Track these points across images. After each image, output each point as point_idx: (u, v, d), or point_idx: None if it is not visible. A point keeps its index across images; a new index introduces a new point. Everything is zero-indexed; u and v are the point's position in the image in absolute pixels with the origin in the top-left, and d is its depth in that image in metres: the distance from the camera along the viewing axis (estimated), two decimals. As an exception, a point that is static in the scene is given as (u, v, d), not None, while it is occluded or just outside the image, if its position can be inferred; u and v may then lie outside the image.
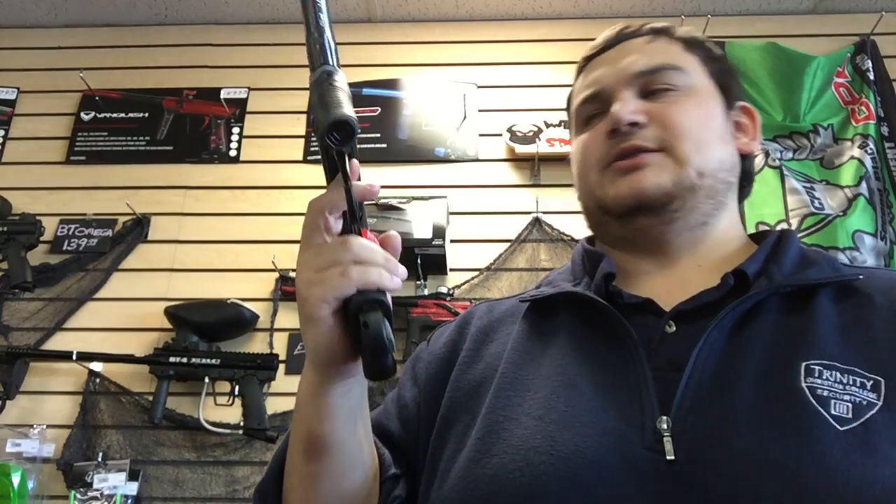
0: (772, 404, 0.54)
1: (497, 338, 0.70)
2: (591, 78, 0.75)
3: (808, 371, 0.55)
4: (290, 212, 2.39)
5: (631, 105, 0.69)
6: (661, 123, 0.68)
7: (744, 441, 0.52)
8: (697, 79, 0.73)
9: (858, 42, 2.54)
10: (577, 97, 0.76)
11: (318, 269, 0.53)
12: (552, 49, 2.62)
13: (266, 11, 2.68)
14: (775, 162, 2.36)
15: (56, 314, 2.25)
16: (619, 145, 0.68)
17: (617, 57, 0.74)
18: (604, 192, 0.70)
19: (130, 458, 2.04)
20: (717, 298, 0.62)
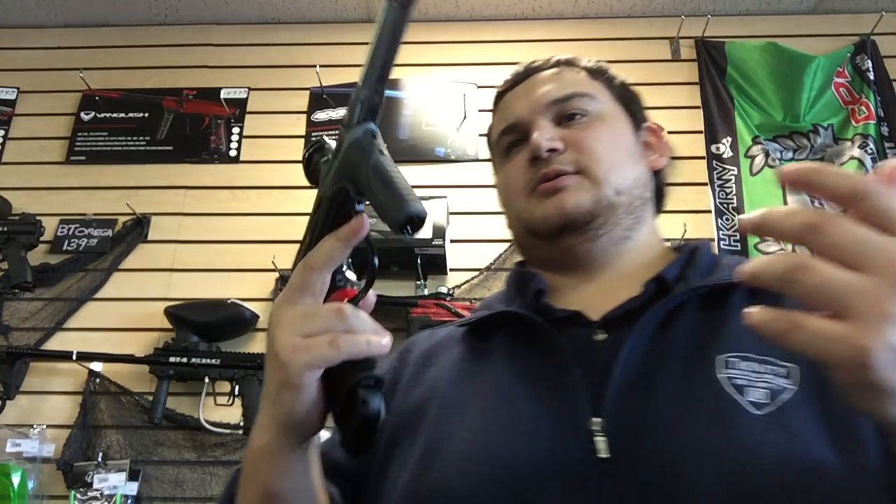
0: (693, 396, 0.57)
1: (437, 361, 0.73)
2: (508, 111, 0.79)
3: (724, 363, 0.59)
4: (290, 212, 2.39)
5: (548, 132, 0.73)
6: (576, 148, 0.73)
7: (669, 432, 0.55)
8: (606, 104, 0.78)
9: (858, 42, 2.54)
10: (496, 130, 0.81)
11: (305, 334, 0.51)
12: (552, 49, 2.59)
13: (266, 11, 2.68)
14: (775, 162, 2.36)
15: (56, 314, 2.25)
16: (541, 171, 0.72)
17: (529, 89, 0.79)
18: (531, 216, 0.73)
19: (130, 458, 2.04)
20: (641, 304, 0.65)
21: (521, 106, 0.77)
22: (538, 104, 0.76)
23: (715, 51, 2.54)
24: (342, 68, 2.58)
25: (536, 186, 0.73)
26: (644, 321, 0.63)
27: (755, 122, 2.44)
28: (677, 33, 2.58)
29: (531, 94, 0.78)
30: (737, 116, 2.44)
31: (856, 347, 0.34)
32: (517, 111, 0.77)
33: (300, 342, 0.50)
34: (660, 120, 2.83)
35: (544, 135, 0.72)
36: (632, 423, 0.57)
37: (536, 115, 0.75)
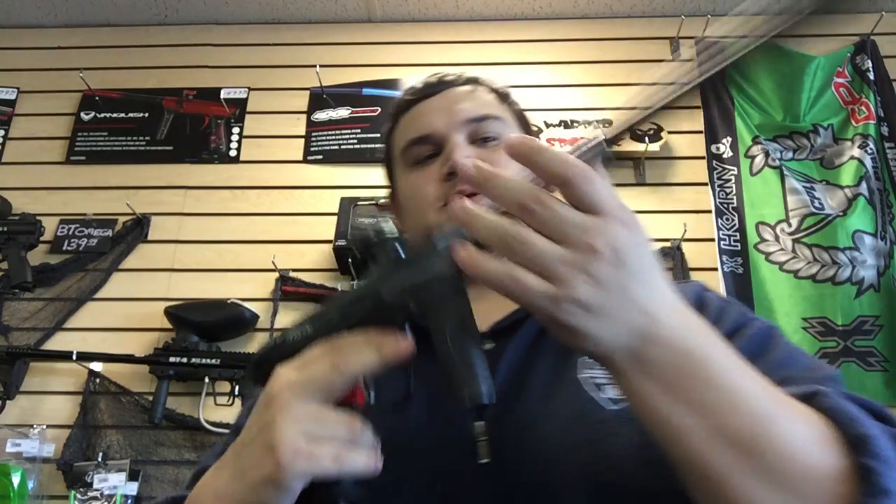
0: (558, 396, 0.64)
1: None
2: (421, 121, 0.79)
3: (585, 364, 0.65)
4: (290, 212, 2.39)
5: (466, 151, 0.75)
6: None
7: (538, 431, 0.61)
8: (513, 130, 0.81)
9: (858, 42, 2.54)
10: (405, 136, 0.81)
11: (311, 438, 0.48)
12: (552, 49, 2.62)
13: (266, 11, 2.68)
14: (775, 162, 2.36)
15: (56, 314, 2.25)
16: (458, 187, 0.73)
17: (445, 102, 0.80)
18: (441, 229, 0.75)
19: (130, 458, 2.03)
20: (526, 314, 0.69)
21: (438, 119, 0.78)
22: (455, 120, 0.77)
23: (715, 51, 2.54)
24: (342, 68, 2.58)
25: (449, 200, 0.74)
26: (522, 332, 0.69)
27: (755, 122, 2.44)
28: (677, 33, 2.58)
29: (448, 108, 0.78)
30: (737, 116, 2.44)
31: (553, 300, 0.42)
32: (433, 123, 0.78)
33: (303, 447, 0.48)
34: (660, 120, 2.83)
35: (464, 152, 0.74)
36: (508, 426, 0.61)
37: (452, 131, 0.77)
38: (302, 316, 0.54)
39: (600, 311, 0.43)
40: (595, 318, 0.43)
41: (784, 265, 2.24)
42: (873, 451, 0.45)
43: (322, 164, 2.45)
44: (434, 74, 0.84)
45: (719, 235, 2.28)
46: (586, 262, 0.42)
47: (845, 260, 2.21)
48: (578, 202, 0.44)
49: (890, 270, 2.21)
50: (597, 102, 2.51)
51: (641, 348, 0.44)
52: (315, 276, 2.27)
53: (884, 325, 2.16)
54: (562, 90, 2.54)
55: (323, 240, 2.29)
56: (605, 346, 0.44)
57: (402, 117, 0.83)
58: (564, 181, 0.44)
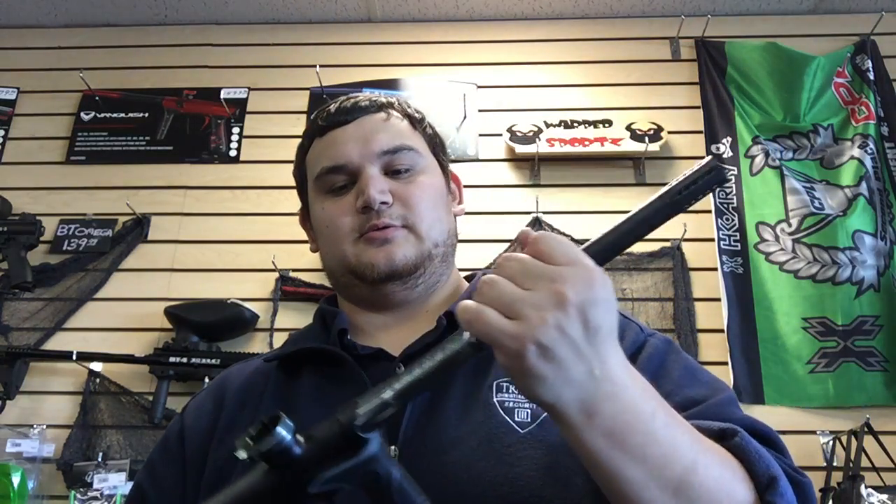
0: (471, 419, 0.66)
1: (249, 401, 0.76)
2: (336, 150, 0.80)
3: (497, 388, 0.68)
4: (290, 212, 2.38)
5: (380, 184, 0.76)
6: (403, 203, 0.77)
7: (451, 455, 0.63)
8: (426, 158, 0.83)
9: (858, 42, 2.54)
10: (320, 163, 0.81)
11: None
12: (552, 49, 2.62)
13: (266, 11, 2.68)
14: (775, 162, 2.36)
15: (56, 314, 2.25)
16: (372, 221, 0.75)
17: (360, 132, 0.80)
18: (358, 261, 0.76)
19: (130, 458, 2.04)
20: (437, 338, 0.71)
21: (352, 150, 0.78)
22: (369, 152, 0.78)
23: (715, 51, 2.54)
24: (342, 68, 2.58)
25: (365, 234, 0.76)
26: None
27: (755, 122, 2.44)
28: (677, 33, 2.58)
29: (363, 138, 0.79)
30: (737, 116, 2.44)
31: (516, 339, 0.44)
32: (347, 154, 0.78)
33: None
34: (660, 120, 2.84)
35: (377, 186, 0.75)
36: (421, 450, 0.64)
37: (367, 163, 0.77)
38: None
39: (560, 360, 0.45)
40: (554, 366, 0.45)
41: (784, 265, 2.24)
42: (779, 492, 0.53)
43: (322, 164, 2.45)
44: (348, 98, 0.84)
45: (719, 235, 2.28)
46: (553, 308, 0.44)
47: (845, 260, 2.21)
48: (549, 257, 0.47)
49: (890, 270, 2.22)
50: (597, 102, 2.51)
51: (594, 403, 0.47)
52: (315, 276, 2.27)
53: (884, 325, 2.16)
54: (562, 90, 2.54)
55: (323, 240, 2.29)
56: (559, 396, 0.46)
57: (317, 141, 0.83)
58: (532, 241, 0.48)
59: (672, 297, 2.21)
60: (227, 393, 0.78)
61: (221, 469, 0.70)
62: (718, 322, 2.17)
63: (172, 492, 0.74)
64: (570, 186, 2.39)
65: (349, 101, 0.83)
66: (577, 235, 2.29)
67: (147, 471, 0.78)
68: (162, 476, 0.76)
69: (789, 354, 2.14)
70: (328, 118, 0.83)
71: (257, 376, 0.79)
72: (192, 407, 0.81)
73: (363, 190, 0.75)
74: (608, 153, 2.39)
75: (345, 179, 0.79)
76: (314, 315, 0.84)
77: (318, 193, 0.82)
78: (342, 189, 0.79)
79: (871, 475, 1.91)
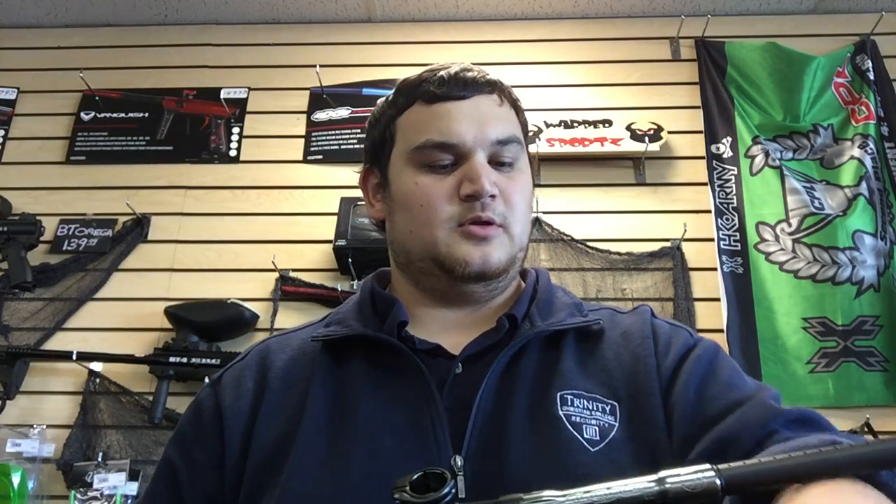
0: (539, 433, 0.64)
1: (295, 384, 0.72)
2: (449, 125, 0.74)
3: (562, 400, 0.66)
4: (290, 212, 2.39)
5: (491, 176, 0.73)
6: (506, 200, 0.74)
7: (518, 472, 0.61)
8: (525, 153, 0.79)
9: (858, 42, 2.54)
10: (425, 133, 0.75)
11: None
12: (552, 49, 2.62)
13: (266, 11, 2.68)
14: (775, 162, 2.36)
15: (56, 314, 2.25)
16: (476, 212, 0.72)
17: (476, 114, 0.75)
18: (449, 253, 0.72)
19: (130, 458, 2.04)
20: (496, 341, 0.71)
21: (467, 130, 0.74)
22: (484, 138, 0.74)
23: (715, 51, 2.54)
24: (342, 68, 2.58)
25: (465, 224, 0.72)
26: (498, 361, 0.68)
27: (755, 121, 2.44)
28: (677, 33, 2.58)
29: (480, 121, 0.75)
30: (737, 116, 2.44)
31: None
32: (461, 134, 0.73)
33: None
34: (660, 120, 2.84)
35: (489, 177, 0.72)
36: (486, 463, 0.62)
37: (479, 148, 0.74)
38: None
39: None
40: None
41: (784, 265, 2.24)
42: None
43: (322, 164, 2.45)
44: (462, 69, 0.78)
45: (719, 235, 2.28)
46: None
47: (845, 260, 2.21)
48: None
49: (890, 270, 2.21)
50: (597, 102, 2.51)
51: None
52: (315, 276, 2.27)
53: (884, 325, 2.16)
54: (562, 90, 2.54)
55: (323, 240, 2.29)
56: None
57: (420, 106, 0.77)
58: None
59: (672, 297, 2.21)
60: (269, 372, 0.74)
61: (268, 457, 0.67)
62: (718, 322, 2.17)
63: (205, 469, 0.70)
64: (570, 186, 2.39)
65: (466, 74, 0.77)
66: (577, 235, 2.30)
67: (178, 445, 0.74)
68: (195, 452, 0.72)
69: (789, 354, 2.14)
70: (442, 86, 0.76)
71: (301, 355, 0.75)
72: (228, 382, 0.76)
73: (474, 179, 0.71)
74: (608, 153, 2.38)
75: (450, 159, 0.74)
76: (362, 294, 0.79)
77: (411, 164, 0.75)
78: (443, 168, 0.74)
79: (871, 475, 1.91)
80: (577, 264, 2.26)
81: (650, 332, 0.72)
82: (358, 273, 2.19)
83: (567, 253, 2.28)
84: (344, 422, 0.67)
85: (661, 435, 0.64)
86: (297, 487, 0.63)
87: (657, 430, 0.64)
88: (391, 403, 0.67)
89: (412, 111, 0.77)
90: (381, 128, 0.80)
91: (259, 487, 0.66)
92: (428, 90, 0.77)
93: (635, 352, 0.70)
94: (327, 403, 0.69)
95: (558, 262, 2.27)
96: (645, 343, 0.71)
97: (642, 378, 0.68)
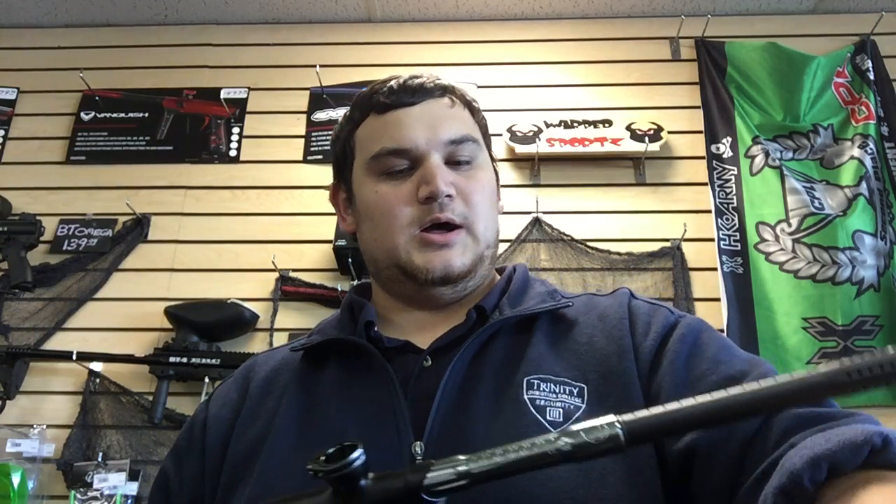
0: (501, 417, 0.64)
1: (273, 390, 0.75)
2: (401, 132, 0.75)
3: (528, 385, 0.66)
4: (290, 212, 2.39)
5: (447, 176, 0.74)
6: (464, 199, 0.75)
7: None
8: (484, 152, 0.80)
9: (858, 42, 2.54)
10: (380, 142, 0.76)
11: None
12: (552, 49, 2.62)
13: (266, 11, 2.68)
14: (775, 162, 2.36)
15: (56, 314, 2.25)
16: (435, 214, 0.72)
17: (427, 117, 0.76)
18: (410, 259, 0.74)
19: (130, 458, 2.04)
20: (465, 332, 0.72)
21: (419, 133, 0.75)
22: (437, 139, 0.75)
23: (715, 51, 2.54)
24: (342, 68, 2.58)
25: (424, 228, 0.73)
26: (464, 349, 0.69)
27: (755, 121, 2.44)
28: (677, 33, 2.58)
29: (431, 124, 0.76)
30: (737, 116, 2.44)
31: None
32: (413, 138, 0.74)
33: None
34: (660, 120, 2.84)
35: (445, 178, 0.73)
36: (448, 446, 0.61)
37: (433, 150, 0.74)
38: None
39: None
40: None
41: (784, 265, 2.24)
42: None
43: (322, 164, 2.45)
44: (411, 77, 0.79)
45: (719, 235, 2.28)
46: None
47: (845, 260, 2.21)
48: None
49: (890, 270, 2.21)
50: (597, 102, 2.51)
51: None
52: (315, 276, 2.27)
53: (884, 325, 2.16)
54: (562, 90, 2.54)
55: (323, 240, 2.30)
56: None
57: (374, 117, 0.78)
58: None
59: (672, 297, 2.21)
60: (251, 382, 0.78)
61: (242, 458, 0.70)
62: (718, 322, 2.17)
63: (193, 480, 0.73)
64: (570, 186, 2.39)
65: (414, 81, 0.78)
66: (577, 235, 2.30)
67: (173, 457, 0.77)
68: (185, 462, 0.75)
69: (789, 354, 2.14)
70: (392, 95, 0.77)
71: (283, 366, 0.78)
72: (217, 395, 0.80)
73: (429, 180, 0.72)
74: (608, 153, 2.39)
75: (406, 164, 0.75)
76: (342, 305, 0.82)
77: (370, 174, 0.77)
78: (400, 174, 0.75)
79: (871, 475, 1.91)
80: (577, 264, 2.26)
81: (626, 312, 0.73)
82: (358, 273, 2.19)
83: (567, 253, 2.28)
84: (313, 420, 0.70)
85: None
86: (267, 479, 0.66)
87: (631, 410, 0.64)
88: (358, 400, 0.69)
89: (367, 123, 0.79)
90: (342, 143, 0.82)
91: (233, 485, 0.69)
92: (378, 101, 0.78)
93: (611, 333, 0.71)
94: (299, 406, 0.72)
95: (558, 262, 2.27)
96: (621, 324, 0.71)
97: (615, 360, 0.68)
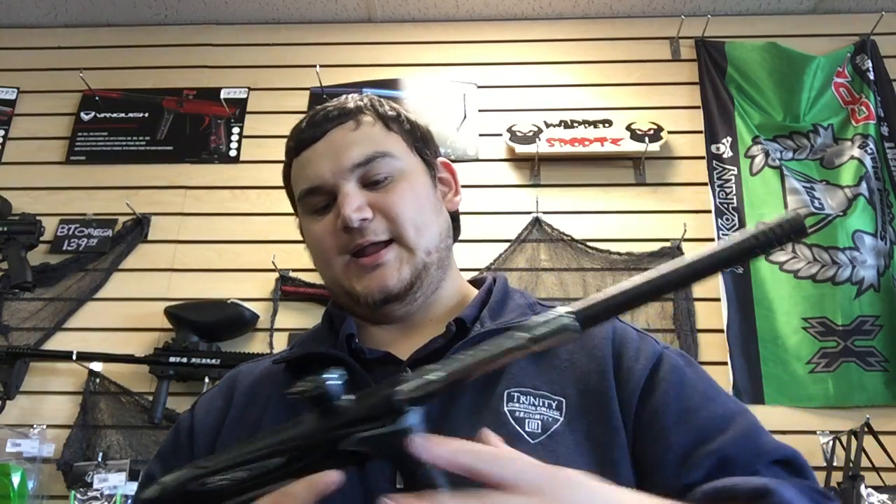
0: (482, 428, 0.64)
1: (257, 400, 0.77)
2: (310, 170, 0.77)
3: (508, 397, 0.67)
4: (290, 212, 2.37)
5: (356, 200, 0.73)
6: (385, 215, 0.74)
7: None
8: (404, 159, 0.78)
9: (858, 42, 2.54)
10: (299, 185, 0.79)
11: None
12: (552, 49, 2.62)
13: (266, 11, 2.68)
14: (775, 162, 2.36)
15: (56, 314, 2.25)
16: (356, 241, 0.73)
17: (329, 149, 0.77)
18: (351, 285, 0.75)
19: (130, 458, 2.04)
20: (444, 344, 0.72)
21: (324, 168, 0.76)
22: (341, 168, 0.75)
23: (715, 51, 2.54)
24: (342, 68, 2.58)
25: (352, 254, 0.74)
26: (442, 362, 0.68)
27: (755, 121, 2.44)
28: (677, 33, 2.58)
29: (333, 156, 0.76)
30: (737, 116, 2.44)
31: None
32: (320, 173, 0.76)
33: None
34: (660, 120, 2.84)
35: (353, 204, 0.72)
36: None
37: (341, 180, 0.75)
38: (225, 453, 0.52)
39: None
40: None
41: (784, 265, 2.24)
42: None
43: (322, 164, 2.45)
44: (317, 110, 0.81)
45: (719, 235, 2.28)
46: None
47: (845, 260, 2.21)
48: (498, 484, 0.46)
49: (890, 270, 2.21)
50: (597, 102, 2.51)
51: None
52: (315, 276, 2.26)
53: (884, 325, 2.16)
54: (562, 90, 2.54)
55: (323, 240, 2.29)
56: None
57: (294, 161, 0.81)
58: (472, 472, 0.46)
59: (672, 297, 2.21)
60: (236, 391, 0.79)
61: None
62: (718, 322, 2.17)
63: None
64: (570, 186, 2.39)
65: (318, 114, 0.80)
66: (577, 235, 2.30)
67: (159, 461, 0.79)
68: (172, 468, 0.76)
69: (789, 354, 2.14)
70: (298, 137, 0.80)
71: (266, 377, 0.79)
72: (202, 402, 0.81)
73: (340, 210, 0.73)
74: (608, 153, 2.39)
75: (325, 199, 0.76)
76: (323, 316, 0.83)
77: (304, 214, 0.81)
78: (325, 209, 0.77)
79: (871, 475, 1.91)
80: (577, 264, 2.26)
81: (610, 333, 0.73)
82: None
83: (567, 253, 2.28)
84: None
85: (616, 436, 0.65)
86: None
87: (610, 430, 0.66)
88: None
89: (292, 167, 0.82)
90: (286, 185, 0.86)
91: None
92: (291, 145, 0.81)
93: (591, 352, 0.71)
94: (282, 418, 0.72)
95: (558, 262, 2.27)
96: (603, 344, 0.72)
97: (595, 378, 0.69)
